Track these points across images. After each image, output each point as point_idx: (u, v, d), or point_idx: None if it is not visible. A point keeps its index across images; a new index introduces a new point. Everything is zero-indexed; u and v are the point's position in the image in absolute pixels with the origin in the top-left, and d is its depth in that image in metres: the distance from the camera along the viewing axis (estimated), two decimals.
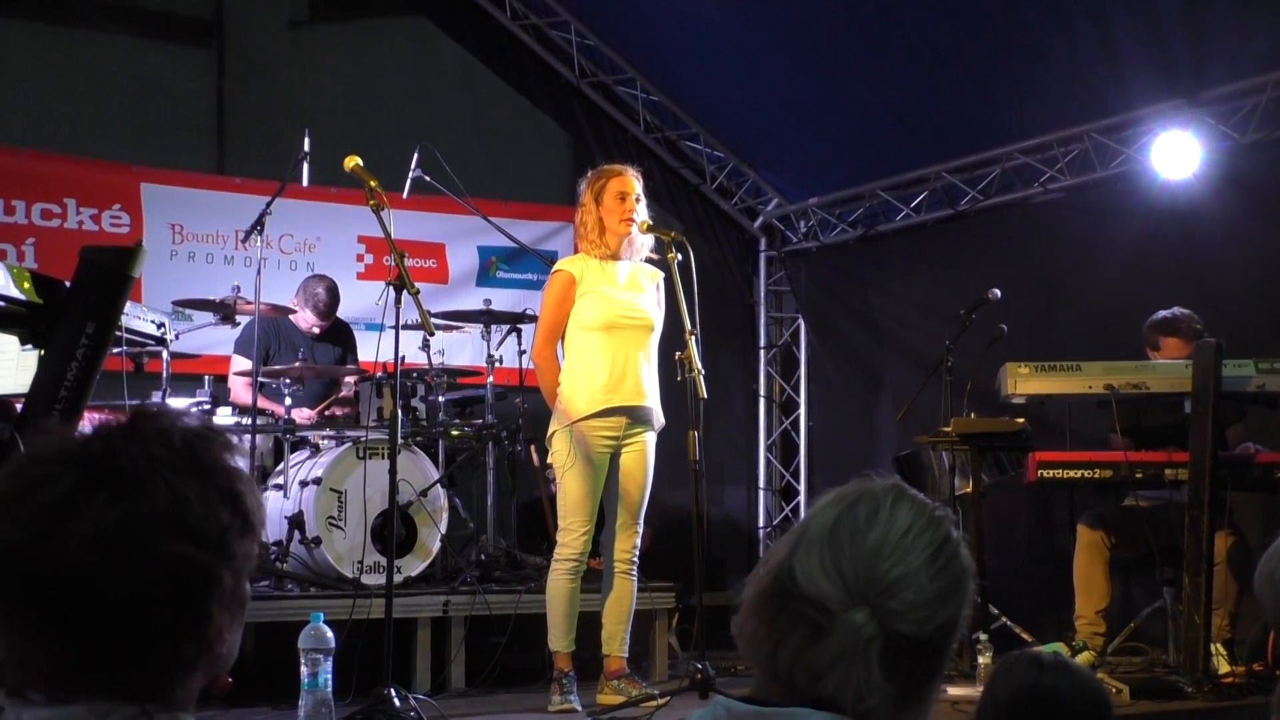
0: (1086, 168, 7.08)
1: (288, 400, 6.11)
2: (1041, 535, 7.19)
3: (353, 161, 4.94)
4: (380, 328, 5.16)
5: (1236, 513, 5.67)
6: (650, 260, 5.19)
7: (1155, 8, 6.17)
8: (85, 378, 3.07)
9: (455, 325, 6.98)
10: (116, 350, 4.38)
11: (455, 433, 6.37)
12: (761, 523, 8.84)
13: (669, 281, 5.04)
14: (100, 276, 3.15)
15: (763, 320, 8.99)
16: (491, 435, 6.35)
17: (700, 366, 4.84)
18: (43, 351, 3.22)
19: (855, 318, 8.60)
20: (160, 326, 4.59)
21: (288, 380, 6.15)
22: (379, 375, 6.10)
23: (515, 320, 6.70)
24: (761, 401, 8.93)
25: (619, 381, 4.98)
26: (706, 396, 4.86)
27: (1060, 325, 7.34)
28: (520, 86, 8.34)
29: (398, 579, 5.39)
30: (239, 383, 6.63)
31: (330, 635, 4.44)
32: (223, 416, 6.20)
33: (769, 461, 8.91)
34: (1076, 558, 5.90)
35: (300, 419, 6.26)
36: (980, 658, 5.29)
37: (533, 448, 6.56)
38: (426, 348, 6.31)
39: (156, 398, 5.80)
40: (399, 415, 5.02)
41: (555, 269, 5.19)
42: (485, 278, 8.39)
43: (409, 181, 6.29)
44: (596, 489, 5.00)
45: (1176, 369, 5.45)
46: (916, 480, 6.38)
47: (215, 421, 6.07)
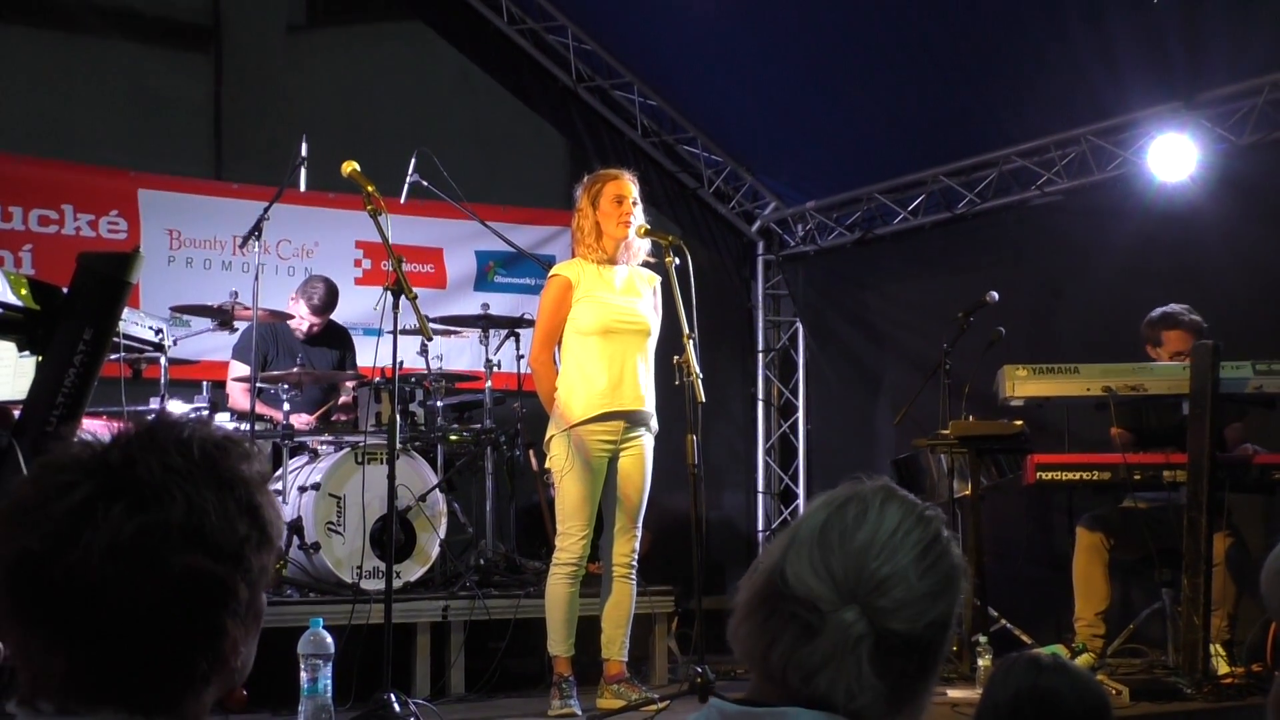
0: (1084, 170, 7.09)
1: (286, 406, 6.11)
2: (1040, 537, 7.19)
3: (350, 167, 4.94)
4: (378, 333, 5.17)
5: (1235, 514, 5.67)
6: (648, 264, 5.20)
7: (1152, 11, 6.18)
8: (83, 384, 3.07)
9: (453, 330, 6.98)
10: (114, 356, 4.38)
11: (454, 437, 6.37)
12: (760, 526, 8.84)
13: (666, 285, 5.04)
14: (98, 282, 3.15)
15: (760, 324, 8.98)
16: (490, 440, 6.35)
17: (698, 370, 4.84)
18: (40, 358, 3.21)
19: (853, 321, 8.60)
20: (158, 332, 4.59)
21: (286, 386, 6.15)
22: (377, 380, 6.10)
23: (513, 325, 6.69)
24: (760, 405, 8.93)
25: (616, 386, 4.98)
26: (705, 400, 4.87)
27: (1058, 328, 7.35)
28: (517, 91, 8.34)
29: (397, 584, 5.39)
30: (237, 388, 6.62)
31: (329, 640, 4.44)
32: (221, 422, 6.20)
33: (767, 465, 8.90)
34: (1075, 560, 5.90)
35: (299, 424, 6.26)
36: (980, 660, 5.29)
37: (531, 452, 6.56)
38: (424, 353, 6.31)
39: (154, 404, 5.80)
40: (397, 420, 5.02)
41: (551, 274, 5.19)
42: (483, 282, 8.39)
43: (406, 186, 6.29)
44: (595, 493, 5.00)
45: (1174, 370, 5.45)
46: (915, 483, 6.38)
47: None
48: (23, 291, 3.22)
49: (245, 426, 5.96)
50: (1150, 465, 5.52)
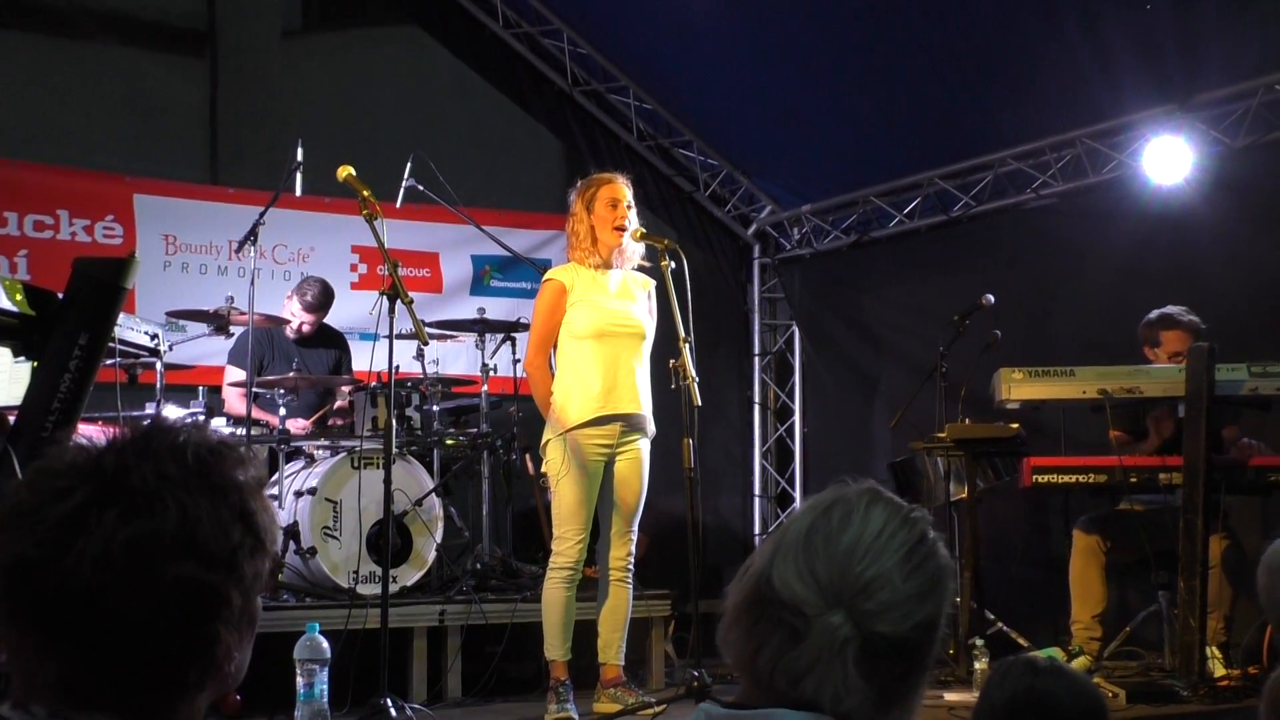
0: (1079, 173, 7.10)
1: (282, 410, 6.11)
2: (1037, 540, 7.19)
3: (346, 171, 4.94)
4: (374, 337, 5.17)
5: (1231, 516, 5.67)
6: (643, 268, 5.19)
7: (1146, 14, 6.18)
8: (79, 390, 3.06)
9: (449, 334, 6.98)
10: (110, 362, 4.37)
11: (450, 442, 6.37)
12: (757, 530, 8.84)
13: (662, 289, 5.04)
14: (93, 288, 3.15)
15: (757, 327, 8.99)
16: (486, 444, 6.35)
17: (695, 374, 4.84)
18: (36, 364, 3.21)
19: (849, 324, 8.61)
20: (154, 338, 4.58)
21: (282, 390, 6.14)
22: (373, 385, 6.10)
23: (509, 329, 6.69)
24: (756, 408, 8.93)
25: (611, 389, 4.98)
26: (701, 404, 4.87)
27: (1054, 330, 7.35)
28: (513, 95, 8.34)
29: (393, 589, 5.38)
30: (233, 393, 6.62)
31: (326, 645, 4.44)
32: (217, 427, 6.19)
33: (764, 468, 8.91)
34: (1072, 562, 5.91)
35: (295, 429, 6.26)
36: (976, 663, 5.29)
37: (527, 456, 6.56)
38: (421, 357, 6.30)
39: (150, 409, 5.79)
40: (393, 425, 5.03)
41: (546, 278, 5.19)
42: (479, 286, 8.39)
43: (402, 191, 6.30)
44: (591, 497, 4.99)
45: (1169, 373, 5.46)
46: (912, 486, 6.38)
47: None
48: (18, 297, 3.22)
49: (241, 431, 5.95)
50: (1146, 468, 5.53)
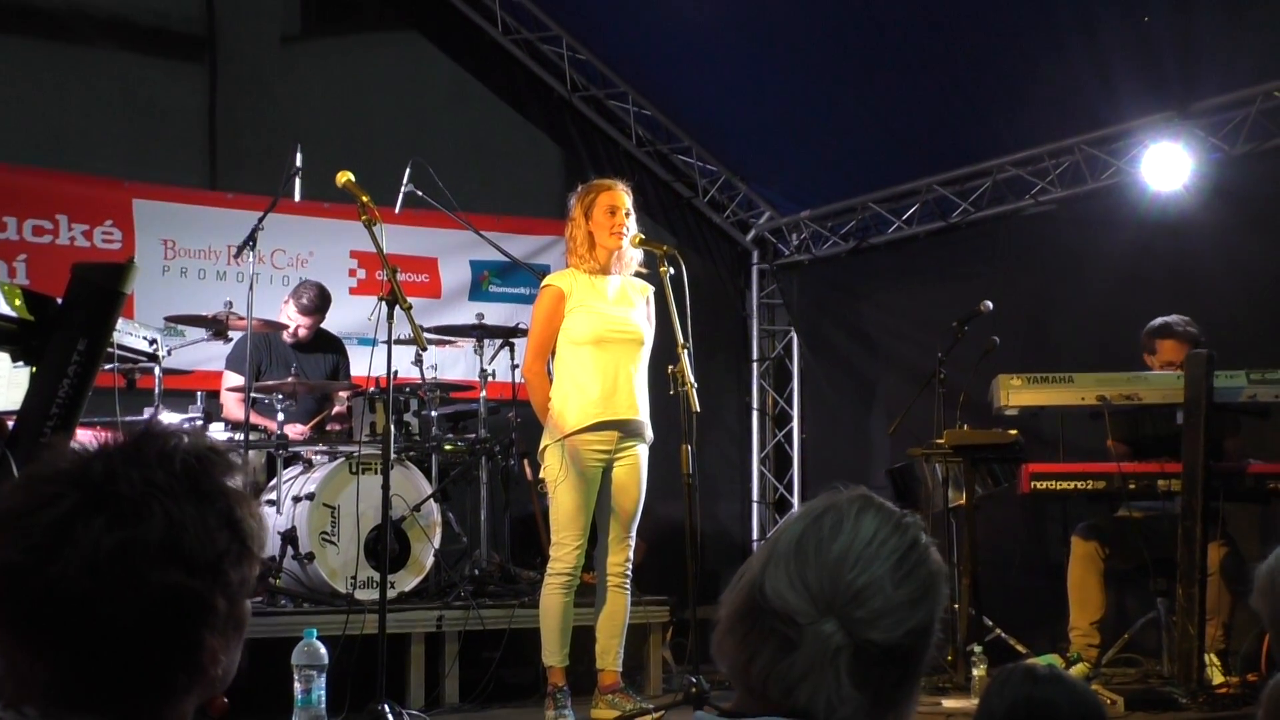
0: (1077, 180, 7.10)
1: (280, 416, 6.11)
2: (1035, 547, 7.19)
3: (345, 177, 4.94)
4: (373, 342, 5.17)
5: (1230, 523, 5.67)
6: (642, 274, 5.20)
7: (1145, 21, 6.19)
8: (77, 395, 3.06)
9: (448, 340, 6.98)
10: (109, 367, 4.38)
11: (448, 447, 6.37)
12: (755, 535, 8.83)
13: (661, 295, 5.04)
14: (92, 293, 3.15)
15: (755, 333, 8.99)
16: (484, 450, 6.35)
17: (693, 380, 4.84)
18: (34, 369, 3.21)
19: (848, 330, 8.61)
20: (152, 343, 4.59)
21: (280, 396, 6.14)
22: (372, 390, 6.09)
23: (508, 334, 6.70)
24: (754, 414, 8.93)
25: (610, 396, 4.98)
26: (699, 410, 4.87)
27: (1052, 337, 7.35)
28: (512, 101, 8.34)
29: (391, 594, 5.38)
30: (231, 398, 6.61)
31: (324, 651, 4.43)
32: (215, 432, 6.19)
33: (762, 474, 8.90)
34: (1070, 569, 5.90)
35: (293, 434, 6.25)
36: (975, 670, 5.29)
37: (526, 462, 6.56)
38: (419, 362, 6.31)
39: (148, 414, 5.79)
40: (392, 430, 5.03)
41: (544, 284, 5.19)
42: (478, 292, 8.39)
43: (401, 196, 6.30)
44: (589, 503, 4.99)
45: (1168, 380, 5.46)
46: (910, 493, 6.39)
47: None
48: (17, 302, 3.21)
49: (240, 436, 5.95)
50: (1145, 474, 5.52)
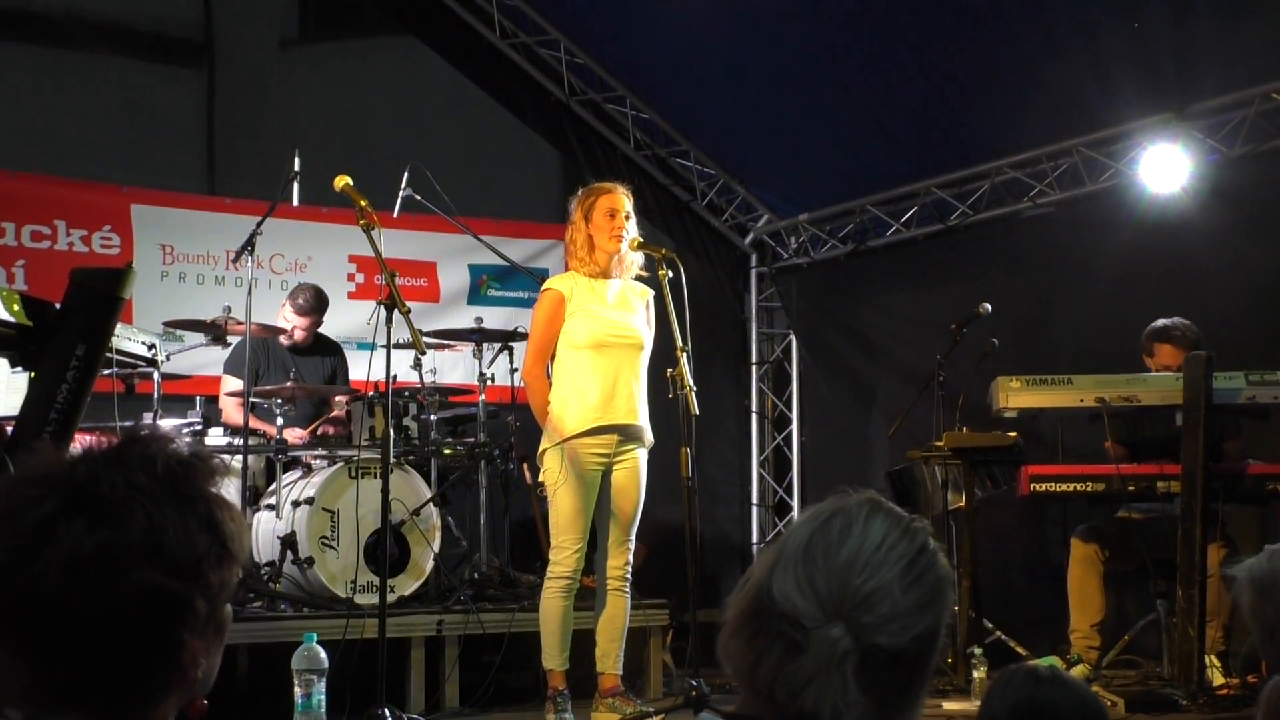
0: (1076, 182, 7.11)
1: (279, 420, 6.10)
2: (1035, 549, 7.19)
3: (343, 181, 4.95)
4: (371, 347, 5.16)
5: (1229, 525, 5.67)
6: (641, 278, 5.20)
7: (1143, 23, 6.20)
8: (76, 400, 3.06)
9: (447, 344, 6.98)
10: (107, 372, 4.38)
11: (447, 451, 6.36)
12: (755, 539, 8.83)
13: (660, 299, 5.04)
14: (90, 298, 3.15)
15: (754, 336, 8.99)
16: (484, 453, 6.34)
17: (692, 383, 4.84)
18: (33, 374, 3.21)
19: (847, 333, 8.61)
20: (151, 348, 4.59)
21: (279, 400, 6.13)
22: (371, 394, 6.09)
23: (507, 338, 6.69)
24: (754, 418, 8.93)
25: (609, 400, 4.98)
26: (699, 413, 4.87)
27: (1051, 339, 7.36)
28: (510, 105, 8.35)
29: (391, 598, 5.37)
30: (230, 403, 6.60)
31: (324, 656, 4.43)
32: (214, 437, 6.19)
33: (762, 477, 8.90)
34: (1070, 571, 5.90)
35: (292, 439, 6.25)
36: (975, 672, 5.29)
37: (525, 466, 6.55)
38: (418, 366, 6.30)
39: (148, 419, 5.79)
40: (391, 434, 5.02)
41: (545, 287, 5.19)
42: (476, 296, 8.38)
43: (399, 200, 6.29)
44: (588, 506, 4.99)
45: (1167, 381, 5.46)
46: (909, 495, 6.38)
47: (207, 442, 6.06)
48: (15, 308, 3.21)
49: (239, 441, 5.95)
50: (1144, 476, 5.52)
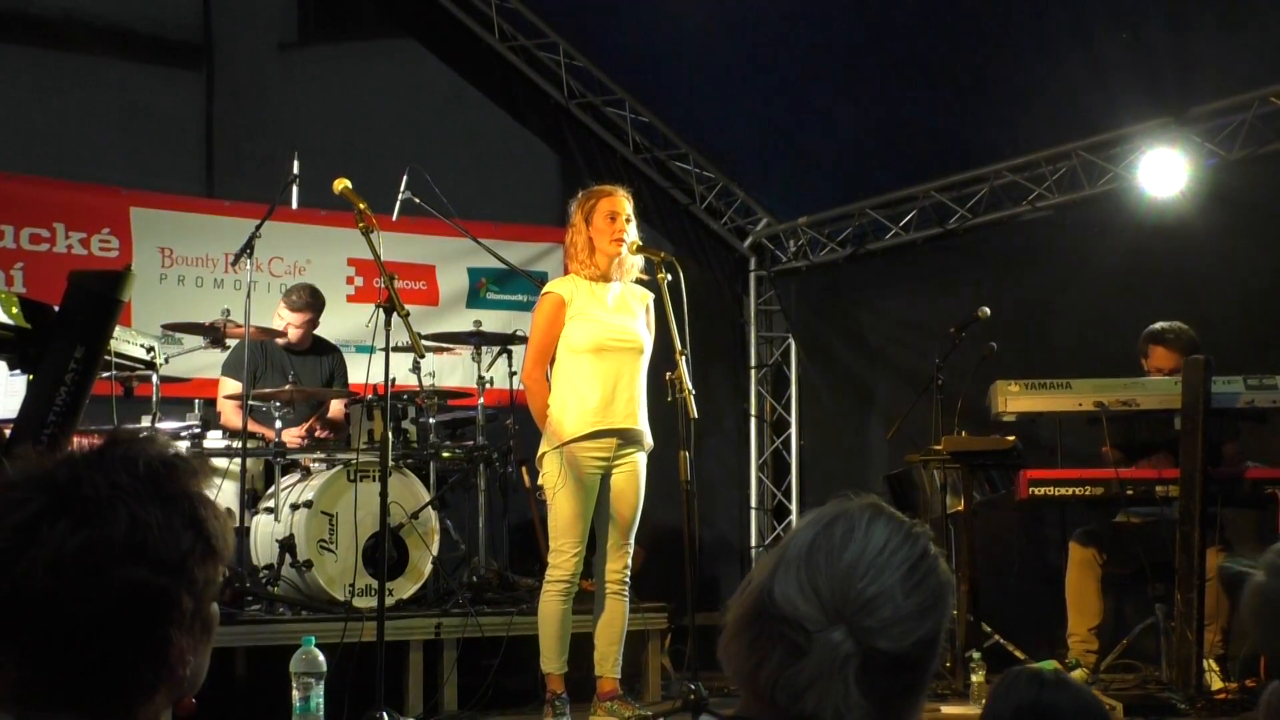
0: (1075, 185, 7.11)
1: (278, 423, 6.10)
2: (1033, 552, 7.19)
3: (342, 184, 4.95)
4: (370, 350, 5.17)
5: (1228, 529, 5.68)
6: (640, 281, 5.19)
7: (1142, 26, 6.21)
8: (74, 403, 3.06)
9: (445, 347, 6.97)
10: (106, 375, 4.37)
11: (446, 454, 6.36)
12: (753, 542, 8.83)
13: (658, 302, 5.04)
14: (89, 301, 3.15)
15: (753, 340, 8.99)
16: (483, 457, 6.34)
17: (691, 386, 4.84)
18: (31, 376, 3.21)
19: (845, 336, 8.61)
20: (149, 350, 4.59)
21: (278, 403, 6.13)
22: (369, 398, 6.09)
23: (506, 341, 6.69)
24: (752, 421, 8.92)
25: (609, 404, 4.97)
26: (697, 416, 4.86)
27: (1050, 342, 7.36)
28: (509, 108, 8.35)
29: (389, 602, 5.37)
30: (229, 406, 6.60)
31: (322, 659, 4.42)
32: (213, 440, 6.18)
33: (760, 481, 8.90)
34: (1068, 575, 5.90)
35: (290, 441, 6.24)
36: (973, 676, 5.29)
37: (524, 469, 6.55)
38: (417, 370, 6.29)
39: (146, 422, 5.78)
40: (389, 437, 5.02)
41: (545, 291, 5.18)
42: (475, 299, 8.38)
43: (398, 203, 6.29)
44: (587, 510, 4.98)
45: (1166, 385, 5.46)
46: (908, 499, 6.38)
47: (206, 445, 6.05)
48: (14, 310, 3.21)
49: (237, 444, 5.94)
50: (1143, 480, 5.53)
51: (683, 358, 4.86)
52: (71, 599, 1.25)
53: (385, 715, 4.56)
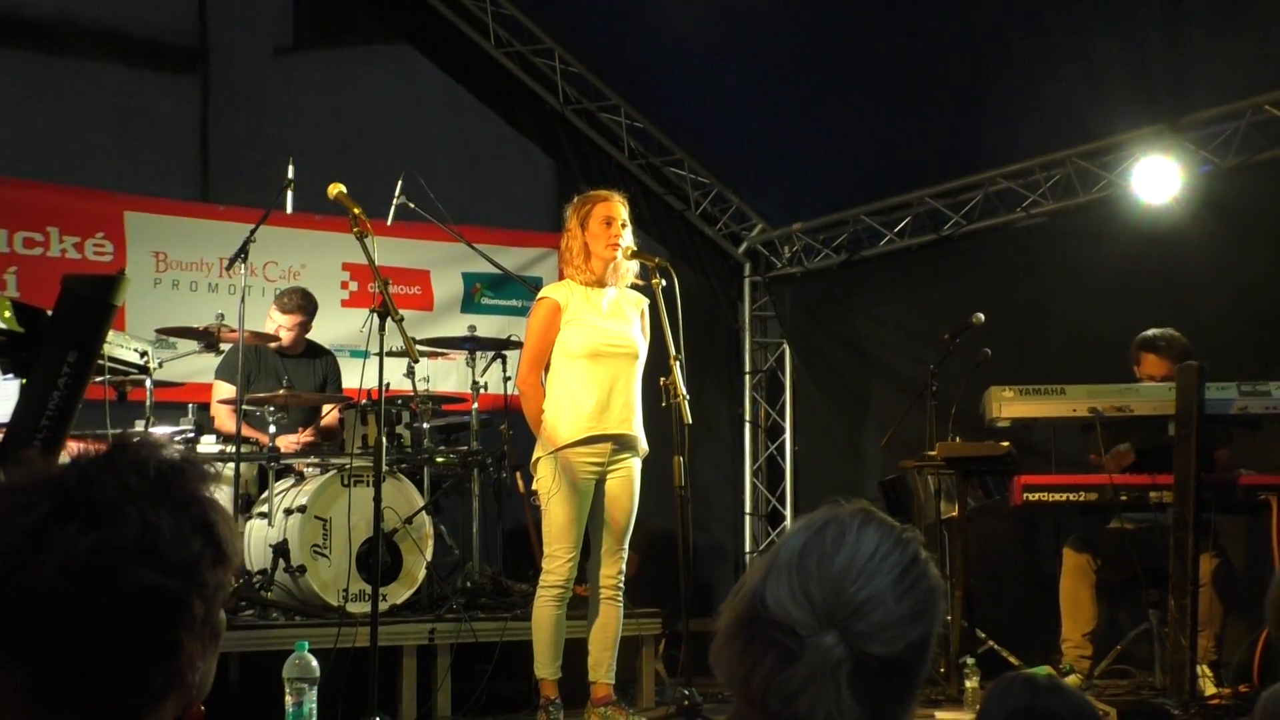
0: (1069, 192, 7.12)
1: (272, 428, 6.09)
2: (1027, 558, 7.19)
3: (337, 189, 4.94)
4: (365, 355, 5.15)
5: (1221, 535, 5.69)
6: (635, 286, 5.19)
7: (1136, 34, 6.22)
8: (67, 407, 3.06)
9: (440, 352, 6.97)
10: (99, 379, 4.37)
11: (440, 459, 6.36)
12: (748, 548, 8.83)
13: (653, 307, 5.04)
14: (82, 305, 3.15)
15: (747, 345, 8.98)
16: (477, 462, 6.34)
17: (685, 392, 4.83)
18: (24, 381, 3.20)
19: (840, 342, 8.61)
20: (143, 355, 4.59)
21: (272, 408, 6.12)
22: (364, 402, 6.08)
23: (500, 346, 6.68)
24: (747, 426, 8.92)
25: (604, 409, 4.97)
26: (692, 422, 4.86)
27: (1044, 349, 7.36)
28: (504, 113, 8.35)
29: (383, 607, 5.37)
30: (222, 410, 6.59)
31: (315, 664, 4.41)
32: (207, 445, 6.17)
33: (755, 486, 8.90)
34: (1062, 580, 5.91)
35: (284, 446, 6.24)
36: (967, 682, 5.28)
37: (518, 474, 6.54)
38: (411, 374, 6.29)
39: (139, 427, 5.77)
40: (383, 442, 5.01)
41: (540, 296, 5.18)
42: (470, 304, 8.38)
43: (393, 208, 6.29)
44: (582, 515, 4.98)
45: (1160, 391, 5.47)
46: (902, 505, 6.38)
47: (200, 450, 6.05)
48: (7, 314, 3.21)
49: (231, 449, 5.94)
50: (1136, 486, 5.53)
51: (677, 363, 4.87)
52: (82, 603, 1.23)
53: None
